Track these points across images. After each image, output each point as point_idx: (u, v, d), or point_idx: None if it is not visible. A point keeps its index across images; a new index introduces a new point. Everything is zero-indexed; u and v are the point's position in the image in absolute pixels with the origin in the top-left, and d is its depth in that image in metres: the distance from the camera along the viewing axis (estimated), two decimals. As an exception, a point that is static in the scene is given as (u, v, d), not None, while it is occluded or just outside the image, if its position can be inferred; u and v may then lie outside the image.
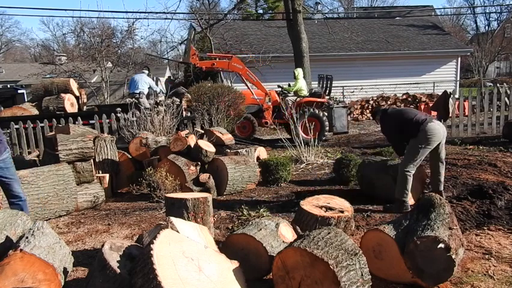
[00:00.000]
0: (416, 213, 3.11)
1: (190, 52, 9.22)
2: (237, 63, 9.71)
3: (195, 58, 9.34)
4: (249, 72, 9.80)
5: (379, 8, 37.73)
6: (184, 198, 3.57)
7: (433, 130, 4.33)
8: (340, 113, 9.29)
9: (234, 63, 9.64)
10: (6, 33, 47.20)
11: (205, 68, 9.87)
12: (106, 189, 5.61)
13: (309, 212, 3.49)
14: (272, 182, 5.86)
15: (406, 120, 4.45)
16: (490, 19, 40.50)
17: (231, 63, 9.64)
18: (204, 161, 5.76)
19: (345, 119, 9.35)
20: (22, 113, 8.71)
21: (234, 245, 3.10)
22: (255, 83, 9.81)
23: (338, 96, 15.65)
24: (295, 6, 12.12)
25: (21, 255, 2.53)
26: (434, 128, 4.33)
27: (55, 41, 34.66)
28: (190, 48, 9.26)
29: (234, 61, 9.70)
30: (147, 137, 6.14)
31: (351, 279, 2.38)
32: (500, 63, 36.05)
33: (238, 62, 9.75)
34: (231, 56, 10.07)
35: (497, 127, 9.11)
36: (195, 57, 9.36)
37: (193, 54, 9.28)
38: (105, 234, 4.31)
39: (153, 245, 2.23)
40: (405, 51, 16.79)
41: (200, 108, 8.39)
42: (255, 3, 32.54)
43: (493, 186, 4.88)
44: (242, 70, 9.74)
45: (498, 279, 2.95)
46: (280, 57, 15.10)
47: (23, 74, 19.50)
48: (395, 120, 4.60)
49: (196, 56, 9.45)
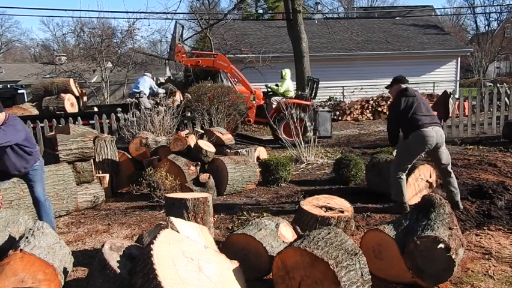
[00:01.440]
0: (416, 213, 3.11)
1: (176, 49, 9.21)
2: (222, 61, 9.71)
3: (179, 56, 9.31)
4: (235, 70, 9.82)
5: (379, 8, 37.72)
6: (184, 198, 3.57)
7: (422, 137, 4.17)
8: (324, 117, 9.32)
9: (219, 61, 9.64)
10: (6, 33, 47.23)
11: (190, 65, 9.88)
12: (106, 189, 5.61)
13: (309, 212, 3.49)
14: (272, 182, 5.85)
15: (409, 116, 4.24)
16: (490, 19, 40.54)
17: (216, 61, 9.64)
18: (204, 161, 5.76)
19: (329, 123, 9.38)
20: (22, 113, 8.71)
21: (234, 245, 3.10)
22: (241, 81, 9.80)
23: (338, 96, 15.69)
24: (295, 6, 12.12)
25: (21, 255, 2.53)
26: (424, 136, 4.17)
27: (55, 41, 34.71)
28: (176, 45, 9.24)
29: (220, 59, 9.70)
30: (147, 137, 6.14)
31: (351, 279, 2.38)
32: (500, 63, 36.03)
33: (223, 60, 9.76)
34: (217, 54, 10.08)
35: (497, 127, 9.11)
36: (180, 54, 9.33)
37: (178, 51, 9.25)
38: (105, 234, 4.31)
39: (153, 245, 2.23)
40: (405, 51, 16.79)
41: (200, 108, 8.39)
42: (255, 3, 32.53)
43: (493, 186, 4.88)
44: (227, 68, 9.75)
45: (498, 279, 2.95)
46: (280, 57, 15.10)
47: (23, 74, 19.49)
48: (402, 107, 4.29)
49: (182, 53, 9.41)
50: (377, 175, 5.06)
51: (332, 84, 15.88)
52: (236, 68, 10.03)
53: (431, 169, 4.84)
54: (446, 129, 9.08)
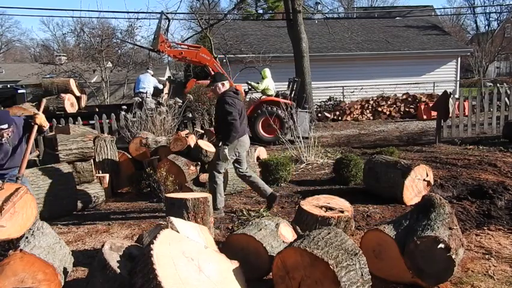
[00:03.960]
0: (416, 213, 3.11)
1: (159, 39, 9.21)
2: (205, 54, 9.74)
3: (163, 45, 9.29)
4: (217, 64, 9.87)
5: (379, 8, 37.74)
6: (184, 198, 3.57)
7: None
8: (303, 117, 9.36)
9: (201, 54, 9.67)
10: (6, 33, 47.23)
11: (173, 56, 9.87)
12: (106, 189, 5.60)
13: (309, 212, 3.49)
14: (272, 182, 5.85)
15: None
16: (490, 19, 40.50)
17: (199, 53, 9.67)
18: (204, 161, 5.75)
19: (307, 123, 9.41)
20: (22, 113, 8.71)
21: (234, 245, 3.09)
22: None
23: (338, 96, 15.68)
24: (295, 6, 12.11)
25: (21, 255, 2.53)
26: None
27: (55, 41, 34.67)
28: (159, 35, 9.24)
29: (202, 51, 9.74)
30: (147, 137, 6.14)
31: (351, 279, 2.38)
32: (500, 63, 36.02)
33: (206, 53, 9.79)
34: (200, 47, 10.09)
35: (497, 127, 9.11)
36: (164, 44, 9.32)
37: (162, 41, 9.23)
38: (105, 234, 4.31)
39: (153, 245, 2.23)
40: (405, 51, 16.79)
41: (200, 108, 8.39)
42: (255, 3, 32.56)
43: (493, 186, 4.88)
44: (209, 61, 9.78)
45: (498, 279, 2.95)
46: (280, 57, 15.10)
47: (23, 74, 19.47)
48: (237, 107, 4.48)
49: (165, 43, 9.42)
50: (374, 178, 5.08)
51: (332, 84, 15.88)
52: (218, 63, 10.10)
53: (427, 168, 4.85)
54: (446, 129, 9.09)
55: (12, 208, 3.04)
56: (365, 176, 5.31)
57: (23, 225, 3.02)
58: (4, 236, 2.89)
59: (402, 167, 4.78)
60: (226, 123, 4.35)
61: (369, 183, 5.23)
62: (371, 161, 5.26)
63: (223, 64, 13.20)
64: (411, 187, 4.69)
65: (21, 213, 3.06)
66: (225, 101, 4.41)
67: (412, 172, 4.68)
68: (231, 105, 4.36)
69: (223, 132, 4.43)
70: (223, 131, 4.43)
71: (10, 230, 2.94)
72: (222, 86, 4.56)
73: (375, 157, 5.40)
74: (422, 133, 10.45)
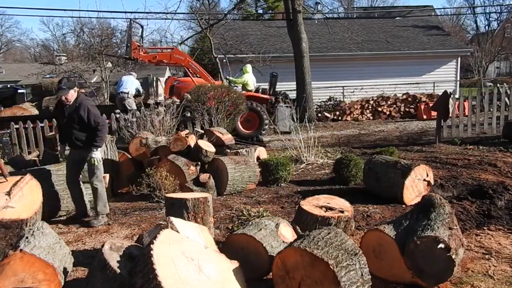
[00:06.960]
0: (416, 213, 3.11)
1: (132, 47, 9.22)
2: (179, 55, 9.77)
3: (136, 52, 9.31)
4: (192, 63, 9.88)
5: (379, 8, 37.75)
6: (184, 198, 3.57)
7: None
8: (283, 113, 9.36)
9: (175, 55, 9.70)
10: (6, 33, 47.22)
11: (148, 61, 9.90)
12: (106, 189, 5.59)
13: (309, 212, 3.49)
14: (272, 182, 5.85)
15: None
16: (490, 19, 40.57)
17: (173, 54, 9.69)
18: (204, 161, 5.75)
19: (288, 119, 9.40)
20: (22, 113, 8.73)
21: (234, 245, 3.09)
22: (199, 73, 9.81)
23: (338, 96, 15.69)
24: (295, 6, 12.13)
25: (21, 255, 2.52)
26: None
27: (55, 41, 34.69)
28: (132, 42, 9.25)
29: (176, 52, 9.77)
30: (147, 137, 6.13)
31: (351, 279, 2.38)
32: (500, 63, 36.02)
33: (180, 54, 9.81)
34: (173, 48, 10.10)
35: (497, 127, 9.11)
36: (136, 51, 9.32)
37: (134, 48, 9.26)
38: (105, 234, 4.31)
39: (153, 245, 2.23)
40: (405, 51, 16.80)
41: (200, 108, 8.39)
42: (255, 3, 32.56)
43: (493, 186, 4.88)
44: (184, 61, 9.79)
45: (498, 279, 2.95)
46: (280, 57, 15.11)
47: (23, 74, 19.45)
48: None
49: (138, 49, 9.41)
50: (374, 178, 5.07)
51: (332, 84, 15.90)
52: (194, 61, 10.11)
53: (427, 168, 4.85)
54: (446, 129, 9.09)
55: (20, 191, 3.36)
56: (365, 176, 5.31)
57: (31, 207, 3.35)
58: (15, 216, 3.18)
59: (403, 167, 4.78)
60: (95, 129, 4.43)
61: (369, 183, 5.23)
62: (371, 161, 5.26)
63: (223, 64, 13.18)
64: (411, 187, 4.69)
65: (29, 196, 3.39)
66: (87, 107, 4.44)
67: (412, 172, 4.68)
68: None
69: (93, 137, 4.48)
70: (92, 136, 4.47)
71: (20, 211, 3.24)
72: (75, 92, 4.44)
73: (375, 157, 5.39)
74: (422, 133, 10.45)
